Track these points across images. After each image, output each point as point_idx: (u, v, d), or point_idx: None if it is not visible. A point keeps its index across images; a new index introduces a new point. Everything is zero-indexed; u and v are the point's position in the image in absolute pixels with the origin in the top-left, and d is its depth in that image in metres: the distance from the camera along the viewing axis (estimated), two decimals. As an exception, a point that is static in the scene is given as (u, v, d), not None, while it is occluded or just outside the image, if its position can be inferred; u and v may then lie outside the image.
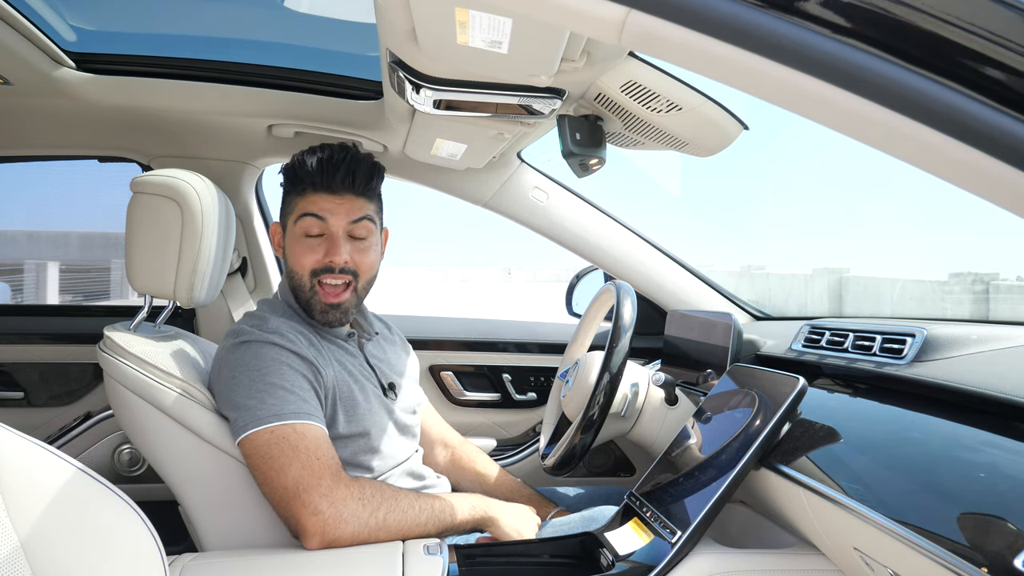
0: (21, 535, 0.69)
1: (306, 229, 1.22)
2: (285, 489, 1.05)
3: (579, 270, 2.15)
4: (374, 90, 1.60)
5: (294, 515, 1.05)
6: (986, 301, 11.02)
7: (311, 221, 1.21)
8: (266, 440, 1.07)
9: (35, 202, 10.43)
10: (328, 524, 1.03)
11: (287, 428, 1.08)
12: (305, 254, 1.22)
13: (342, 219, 1.22)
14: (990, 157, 0.44)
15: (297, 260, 1.23)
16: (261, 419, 1.08)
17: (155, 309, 1.26)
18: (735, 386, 1.27)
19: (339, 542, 1.04)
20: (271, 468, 1.06)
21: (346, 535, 1.04)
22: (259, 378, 1.11)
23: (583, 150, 1.36)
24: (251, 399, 1.10)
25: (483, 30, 0.88)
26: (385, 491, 1.12)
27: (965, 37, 0.44)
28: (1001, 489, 0.76)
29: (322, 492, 1.04)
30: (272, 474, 1.06)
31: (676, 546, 1.03)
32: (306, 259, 1.22)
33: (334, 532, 1.04)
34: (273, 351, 1.14)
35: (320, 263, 1.22)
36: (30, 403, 1.87)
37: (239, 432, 1.09)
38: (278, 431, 1.07)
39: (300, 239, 1.23)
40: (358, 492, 1.08)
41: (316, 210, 1.21)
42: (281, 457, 1.06)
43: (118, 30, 1.56)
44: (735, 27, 0.46)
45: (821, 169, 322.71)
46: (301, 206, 1.23)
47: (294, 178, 1.25)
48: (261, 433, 1.07)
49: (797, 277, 15.48)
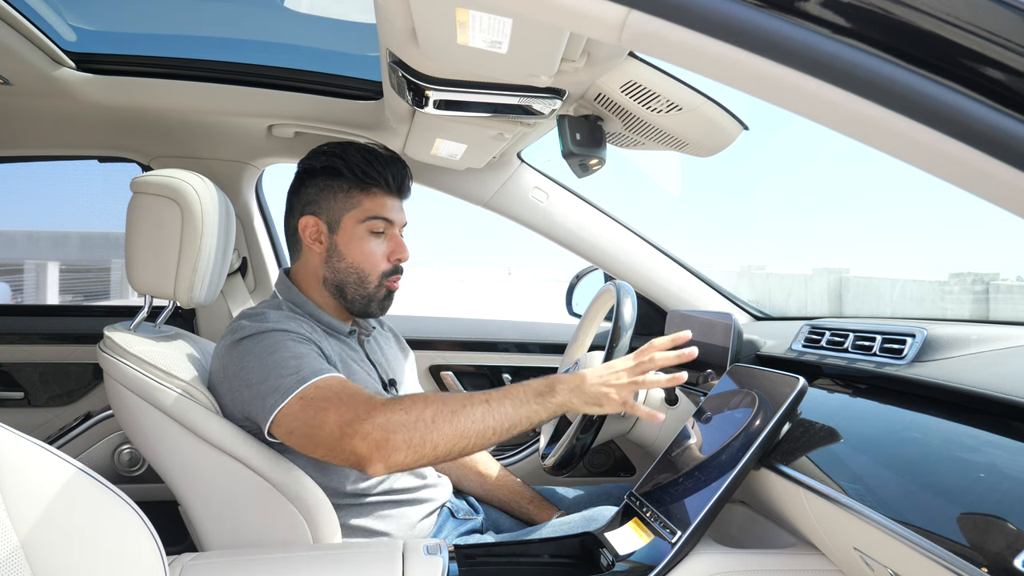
0: (21, 535, 0.69)
1: (373, 228, 1.27)
2: (331, 435, 1.03)
3: (579, 270, 2.15)
4: (374, 90, 1.60)
5: (348, 452, 1.02)
6: (986, 301, 11.02)
7: (380, 223, 1.27)
8: (296, 408, 1.06)
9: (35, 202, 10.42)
10: (379, 443, 1.01)
11: (309, 388, 1.07)
12: (372, 250, 1.28)
13: (402, 219, 1.31)
14: (990, 157, 0.44)
15: (368, 258, 1.27)
16: (285, 391, 1.07)
17: (155, 309, 1.26)
18: (735, 386, 1.27)
19: (396, 456, 1.01)
20: (311, 429, 1.05)
21: (400, 442, 1.01)
22: (267, 358, 1.11)
23: (583, 150, 1.36)
24: (268, 380, 1.09)
25: (483, 30, 0.88)
26: (428, 398, 1.07)
27: (965, 37, 0.44)
28: (1001, 489, 0.76)
29: (362, 418, 1.02)
30: (314, 433, 1.05)
31: (676, 546, 1.03)
32: (377, 257, 1.28)
33: (387, 447, 1.01)
34: (274, 335, 1.14)
35: (391, 262, 1.29)
36: (30, 403, 1.87)
37: (267, 415, 1.07)
38: (304, 394, 1.06)
39: (367, 237, 1.27)
40: (396, 405, 1.04)
41: (388, 214, 1.28)
42: (316, 415, 1.05)
43: (118, 30, 1.56)
44: (735, 27, 0.46)
45: (821, 169, 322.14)
46: (369, 207, 1.27)
47: (364, 176, 1.26)
48: (290, 404, 1.06)
49: (797, 277, 15.48)
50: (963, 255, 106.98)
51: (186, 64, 1.57)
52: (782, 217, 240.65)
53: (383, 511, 1.25)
